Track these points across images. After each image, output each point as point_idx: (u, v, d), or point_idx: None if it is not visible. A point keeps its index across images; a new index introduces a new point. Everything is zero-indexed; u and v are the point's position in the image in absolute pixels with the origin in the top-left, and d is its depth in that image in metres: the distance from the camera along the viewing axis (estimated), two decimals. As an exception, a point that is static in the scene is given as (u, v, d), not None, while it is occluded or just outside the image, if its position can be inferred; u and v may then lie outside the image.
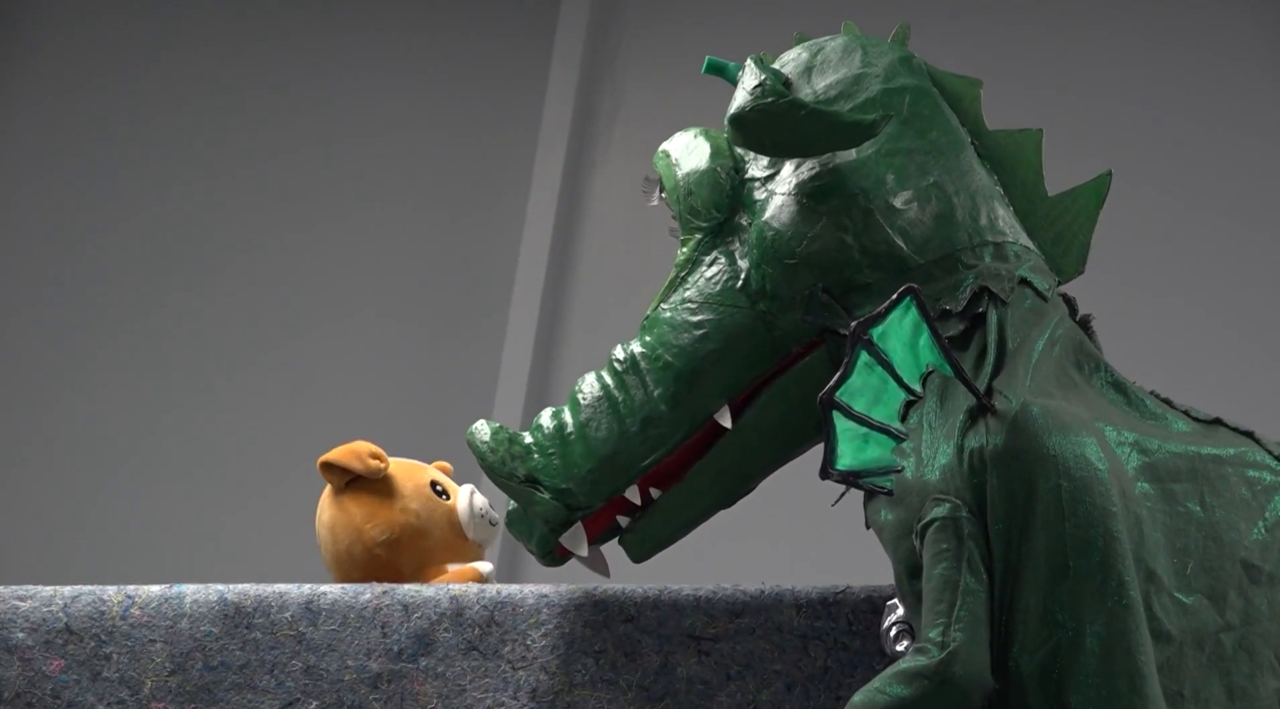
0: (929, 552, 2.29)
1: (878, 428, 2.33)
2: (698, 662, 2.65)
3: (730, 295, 2.54)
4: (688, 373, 2.53)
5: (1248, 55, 6.21)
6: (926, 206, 2.52)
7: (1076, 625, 2.25)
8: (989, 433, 2.33)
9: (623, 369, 2.56)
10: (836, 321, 2.50)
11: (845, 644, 2.61)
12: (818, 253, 2.51)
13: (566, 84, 6.83)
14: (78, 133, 7.16)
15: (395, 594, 2.77)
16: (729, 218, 2.59)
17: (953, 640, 2.22)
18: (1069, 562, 2.27)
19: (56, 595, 2.84)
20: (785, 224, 2.53)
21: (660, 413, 2.53)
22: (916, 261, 2.49)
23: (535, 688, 2.68)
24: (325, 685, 2.74)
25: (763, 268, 2.53)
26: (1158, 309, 5.86)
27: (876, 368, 2.34)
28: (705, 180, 2.60)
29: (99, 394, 6.92)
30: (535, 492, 2.55)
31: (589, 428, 2.55)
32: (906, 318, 2.34)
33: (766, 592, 2.67)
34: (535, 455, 2.56)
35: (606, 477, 2.55)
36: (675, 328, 2.56)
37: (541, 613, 2.71)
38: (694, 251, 2.60)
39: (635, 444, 2.54)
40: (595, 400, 2.56)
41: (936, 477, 2.33)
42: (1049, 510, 2.28)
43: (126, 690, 2.77)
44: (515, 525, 2.65)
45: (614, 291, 6.52)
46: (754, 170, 2.59)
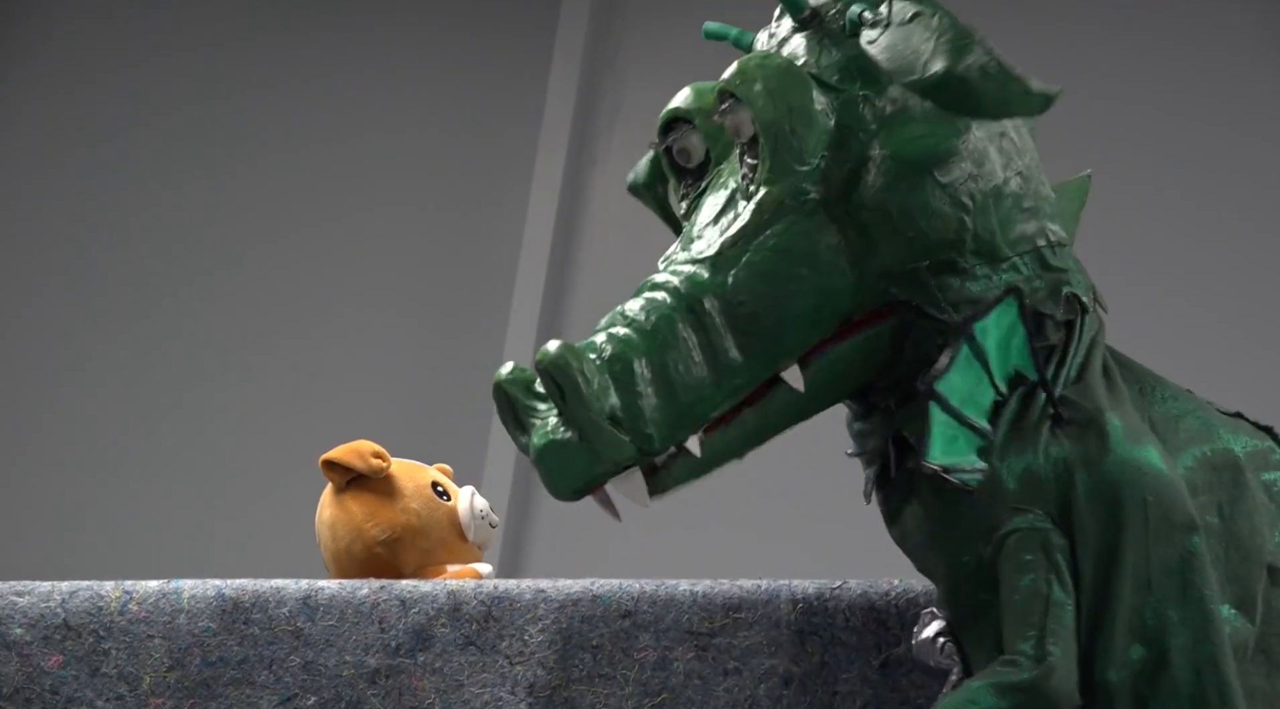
0: (1012, 562, 2.25)
1: (969, 425, 2.31)
2: (695, 657, 2.65)
3: (829, 252, 2.36)
4: (773, 327, 2.33)
5: (1248, 55, 6.21)
6: (1018, 195, 2.41)
7: (1163, 640, 2.25)
8: (1072, 445, 2.30)
9: (699, 308, 2.33)
10: (925, 301, 2.36)
11: (842, 640, 2.61)
12: (938, 230, 2.36)
13: (567, 83, 6.84)
14: (78, 133, 7.17)
15: (393, 589, 2.77)
16: (824, 165, 2.38)
17: (1049, 654, 2.20)
18: (1153, 577, 2.27)
19: (55, 591, 2.84)
20: (911, 193, 2.36)
21: (737, 363, 2.32)
22: (1006, 254, 2.38)
23: (533, 683, 2.68)
24: (323, 681, 2.74)
25: (874, 233, 2.36)
26: (1157, 308, 5.86)
27: (975, 364, 2.32)
28: (810, 120, 2.38)
29: (98, 391, 6.92)
30: (616, 431, 2.28)
31: (669, 370, 2.31)
32: (1006, 317, 2.33)
33: (763, 587, 2.67)
34: (616, 390, 2.30)
35: (681, 423, 2.32)
36: (764, 276, 2.34)
37: (539, 608, 2.71)
38: (786, 196, 2.36)
39: (710, 392, 2.32)
40: (673, 338, 2.31)
41: (1014, 485, 2.29)
42: (1137, 526, 2.27)
43: (125, 686, 2.78)
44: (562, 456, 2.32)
45: (615, 290, 6.51)
46: (847, 118, 2.40)
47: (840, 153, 2.38)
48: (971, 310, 2.36)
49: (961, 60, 2.35)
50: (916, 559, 2.41)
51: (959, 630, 2.32)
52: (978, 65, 2.34)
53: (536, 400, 2.33)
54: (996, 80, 2.35)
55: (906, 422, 2.38)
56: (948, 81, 2.35)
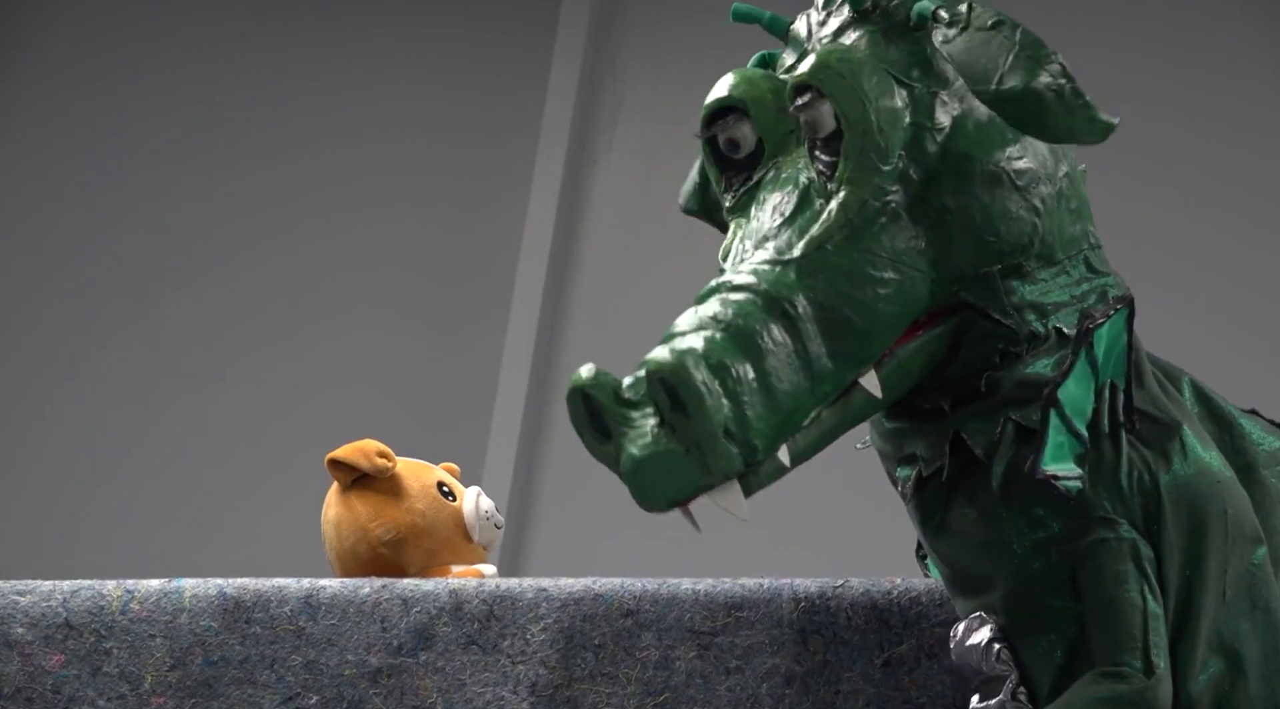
0: (1104, 573, 2.23)
1: (1075, 433, 2.29)
2: (697, 656, 2.65)
3: (913, 258, 2.29)
4: (866, 333, 2.25)
5: (1248, 55, 6.21)
6: (1071, 199, 2.38)
7: (1237, 652, 2.25)
8: (1151, 453, 2.29)
9: (795, 314, 2.22)
10: (990, 304, 2.31)
11: (844, 639, 2.61)
12: (1015, 234, 2.31)
13: (568, 82, 6.83)
14: (78, 133, 7.17)
15: (394, 589, 2.77)
16: (903, 166, 2.31)
17: (1157, 666, 2.18)
18: (1228, 589, 2.26)
19: (56, 590, 2.84)
20: (990, 197, 2.31)
21: (829, 369, 2.23)
22: (1060, 257, 2.35)
23: (535, 682, 2.68)
24: (325, 680, 2.74)
25: (952, 235, 2.30)
26: (1157, 308, 5.86)
27: (1089, 373, 2.30)
28: (896, 120, 2.30)
29: (99, 390, 6.92)
30: (730, 444, 2.16)
31: (772, 378, 2.20)
32: (1116, 326, 2.32)
33: (765, 586, 2.67)
34: (729, 403, 2.17)
35: (784, 432, 2.22)
36: (854, 280, 2.26)
37: (540, 607, 2.71)
38: (870, 196, 2.28)
39: (807, 399, 2.22)
40: (778, 348, 2.20)
41: (1095, 493, 2.26)
42: (1218, 536, 2.26)
43: (126, 685, 2.78)
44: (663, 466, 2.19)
45: (615, 289, 6.52)
46: (932, 117, 2.33)
47: (915, 152, 2.32)
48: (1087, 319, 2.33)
49: (1039, 78, 2.27)
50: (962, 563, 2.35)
51: (1016, 638, 2.29)
52: (1054, 86, 2.27)
53: (627, 408, 2.20)
54: (1068, 104, 2.27)
55: (969, 424, 2.33)
56: (1022, 97, 2.27)
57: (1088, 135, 2.28)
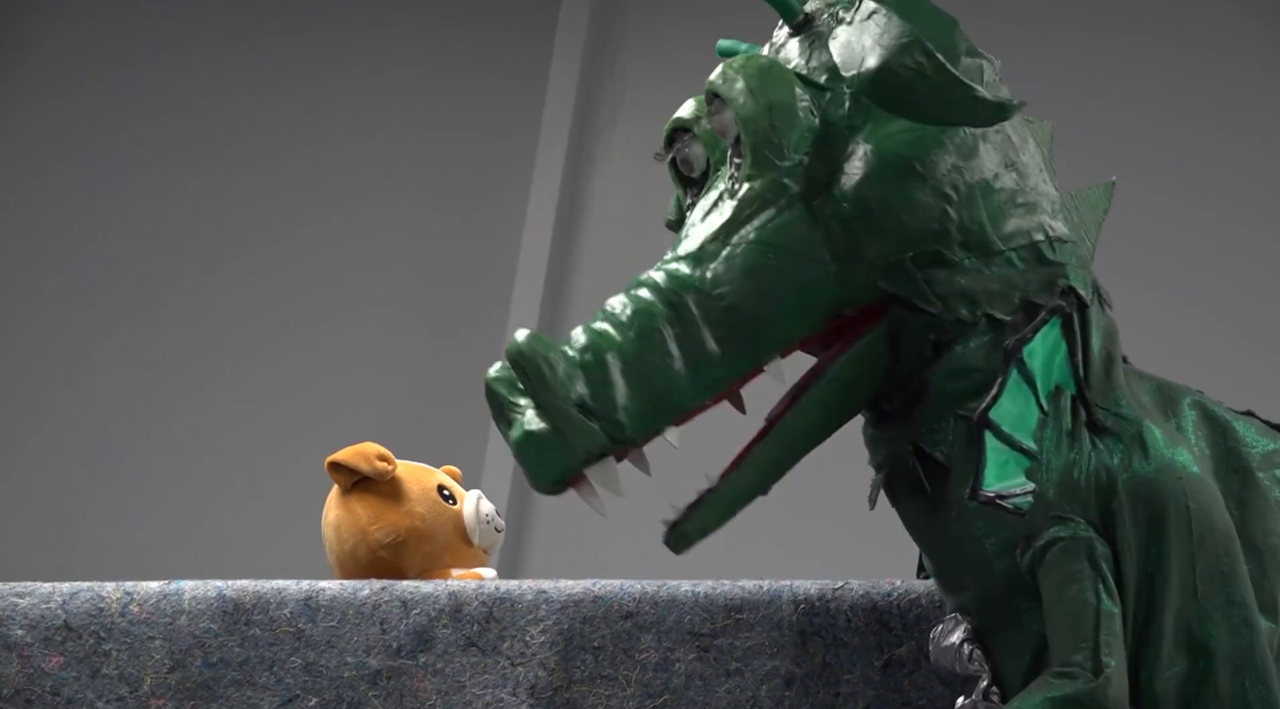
0: (1056, 572, 2.25)
1: (1019, 448, 2.31)
2: (697, 658, 2.65)
3: (809, 247, 2.36)
4: (751, 318, 2.34)
5: (1248, 55, 6.21)
6: (1012, 190, 2.41)
7: (1208, 648, 2.25)
8: (1111, 453, 2.31)
9: (677, 300, 2.34)
10: (914, 295, 2.36)
11: (844, 640, 2.61)
12: (919, 222, 2.35)
13: (567, 83, 6.84)
14: (78, 133, 7.17)
15: (394, 590, 2.77)
16: (807, 163, 2.38)
17: (1105, 664, 2.19)
18: (1198, 584, 2.26)
19: (55, 592, 2.84)
20: (890, 186, 2.36)
21: (714, 355, 2.33)
22: (1000, 247, 2.38)
23: (534, 684, 2.68)
24: (325, 682, 2.74)
25: (854, 225, 2.35)
26: (1157, 308, 5.86)
27: (1024, 387, 2.33)
28: (790, 117, 2.39)
29: (99, 392, 6.92)
30: (586, 419, 2.30)
31: (642, 359, 2.32)
32: (1050, 335, 2.34)
33: (765, 588, 2.67)
34: (587, 379, 2.31)
35: (655, 413, 2.32)
36: (743, 269, 2.35)
37: (540, 609, 2.71)
38: (766, 191, 2.37)
39: (686, 384, 2.32)
40: (648, 329, 2.33)
41: (1054, 494, 2.29)
42: (1181, 533, 2.27)
43: (126, 687, 2.77)
44: (536, 448, 2.34)
45: (615, 289, 6.51)
46: (834, 115, 2.40)
47: (825, 149, 2.39)
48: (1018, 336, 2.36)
49: (897, 59, 2.34)
50: (938, 564, 2.39)
51: (988, 638, 2.31)
52: (911, 66, 2.33)
53: (519, 396, 2.34)
54: (933, 84, 2.33)
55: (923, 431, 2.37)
56: (878, 79, 2.35)
57: (970, 117, 2.35)
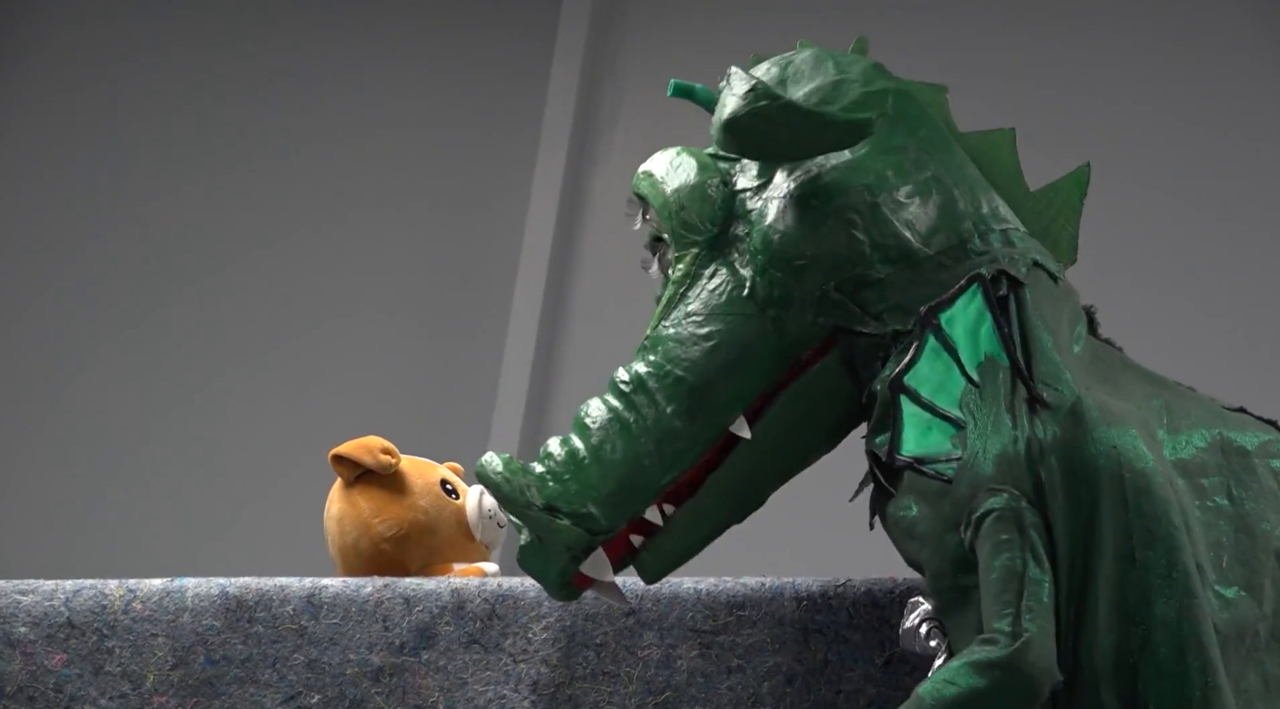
0: (988, 542, 2.27)
1: (941, 415, 2.35)
2: (699, 655, 2.65)
3: (738, 304, 2.49)
4: (701, 385, 2.47)
5: (1247, 54, 6.21)
6: (929, 198, 2.49)
7: (1147, 617, 2.25)
8: (1045, 425, 2.33)
9: (630, 389, 2.49)
10: (850, 321, 2.46)
11: (846, 637, 2.61)
12: (828, 251, 2.46)
13: (568, 83, 6.83)
14: (78, 133, 7.16)
15: (396, 588, 2.77)
16: (724, 230, 2.54)
17: (1025, 630, 2.21)
18: (1135, 552, 2.27)
19: (58, 589, 2.84)
20: (791, 225, 2.48)
21: (675, 429, 2.47)
22: (926, 253, 2.46)
23: (536, 681, 2.68)
24: (327, 679, 2.74)
25: (770, 272, 2.48)
26: (1154, 306, 5.86)
27: (943, 354, 2.38)
28: (696, 194, 2.55)
29: (102, 390, 6.92)
30: (555, 519, 2.44)
31: (603, 450, 2.46)
32: (972, 305, 2.39)
33: (767, 585, 2.67)
34: (550, 482, 2.46)
35: (626, 498, 2.46)
36: (682, 342, 2.50)
37: (542, 606, 2.71)
38: (691, 266, 2.54)
39: (653, 463, 2.46)
40: (606, 423, 2.48)
41: (991, 468, 2.32)
42: (1114, 502, 2.28)
43: (129, 685, 2.78)
44: (530, 560, 2.51)
45: (615, 289, 6.52)
46: (743, 181, 2.56)
47: (736, 214, 2.53)
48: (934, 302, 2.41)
49: (738, 109, 2.44)
50: (904, 549, 2.43)
51: (943, 616, 2.34)
52: (752, 111, 2.43)
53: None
54: (781, 121, 2.44)
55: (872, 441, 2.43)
56: (727, 131, 2.46)
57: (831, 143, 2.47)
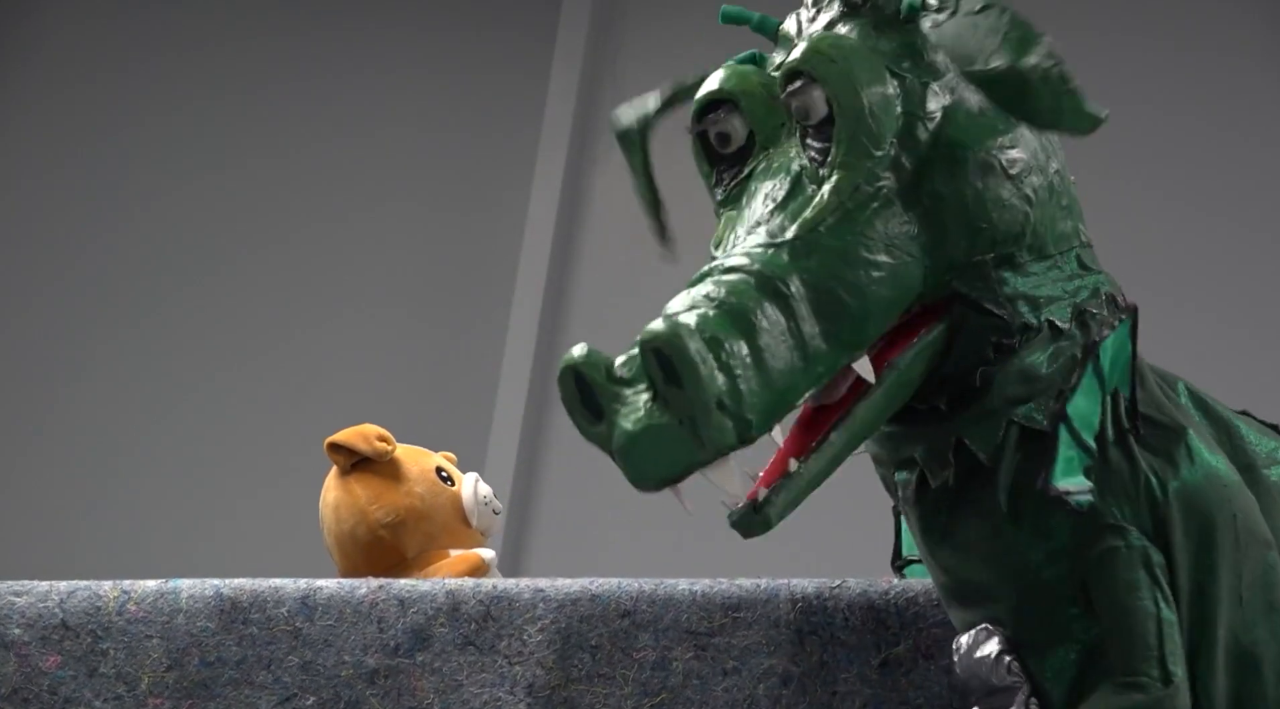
0: (1116, 581, 2.23)
1: (1084, 447, 2.29)
2: (694, 656, 2.65)
3: (909, 243, 2.28)
4: (860, 315, 2.25)
5: (1247, 54, 6.21)
6: (1063, 195, 2.38)
7: (1256, 655, 2.25)
8: (1157, 459, 2.29)
9: (789, 292, 2.22)
10: (983, 295, 2.31)
11: (841, 639, 2.60)
12: (1008, 222, 2.31)
13: (568, 82, 6.84)
14: (78, 133, 7.17)
15: (391, 589, 2.77)
16: (897, 154, 2.30)
17: (1174, 674, 2.18)
18: (1244, 593, 2.26)
19: (52, 591, 2.83)
20: (987, 187, 2.31)
21: (822, 350, 2.22)
22: (1052, 252, 2.36)
23: (532, 683, 2.68)
24: (322, 681, 2.74)
25: (950, 224, 2.30)
26: (1153, 307, 5.86)
27: (1096, 385, 2.31)
28: (888, 106, 2.31)
29: (97, 391, 6.92)
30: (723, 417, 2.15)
31: (765, 354, 2.19)
32: (1119, 338, 2.33)
33: (763, 587, 2.66)
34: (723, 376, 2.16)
35: (778, 409, 2.21)
36: (850, 262, 2.25)
37: (538, 608, 2.71)
38: (863, 182, 2.29)
39: (801, 378, 2.22)
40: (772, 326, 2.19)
41: (1105, 501, 2.26)
42: (1228, 541, 2.26)
43: (123, 686, 2.77)
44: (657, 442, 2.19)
45: (615, 285, 6.52)
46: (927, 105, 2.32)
47: (907, 140, 2.31)
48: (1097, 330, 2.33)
49: (1025, 58, 2.25)
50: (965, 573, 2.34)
51: (1026, 648, 2.28)
52: (1041, 68, 2.25)
53: (620, 385, 2.20)
54: (1054, 88, 2.25)
55: (970, 429, 2.32)
56: (1008, 77, 2.26)
57: (1075, 125, 2.27)
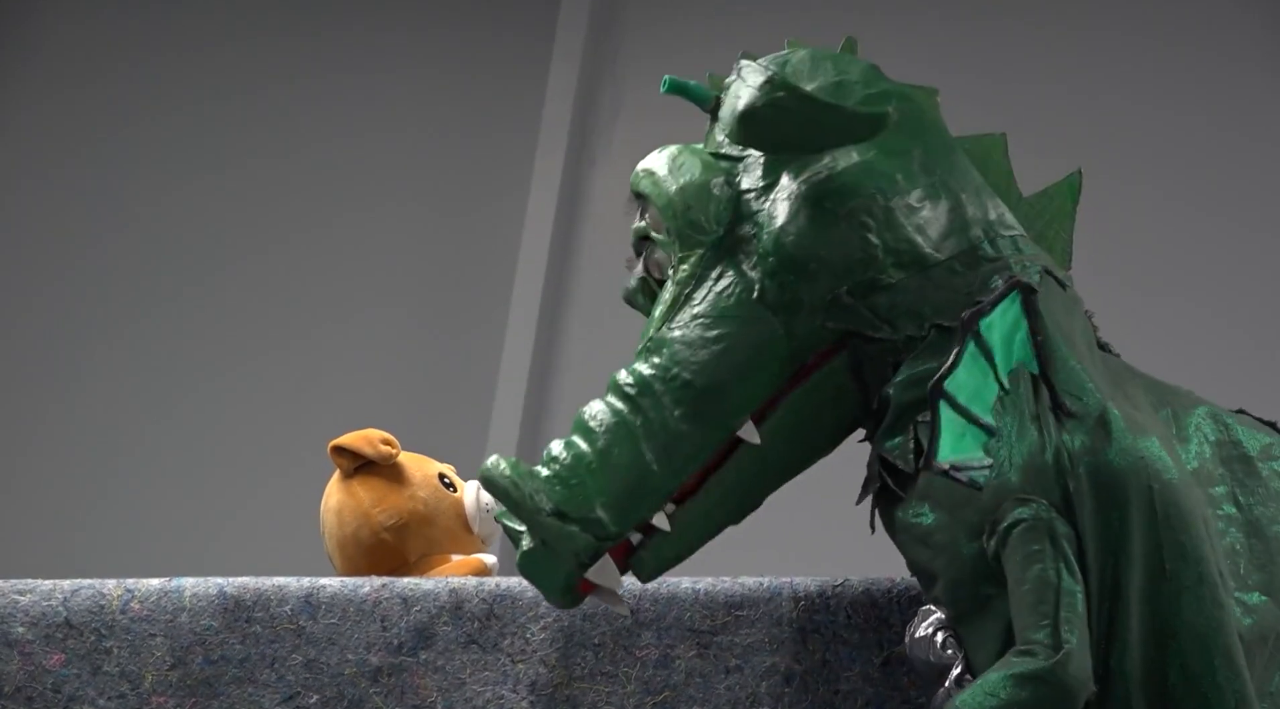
0: (1019, 552, 2.26)
1: (976, 422, 2.34)
2: (697, 655, 2.65)
3: (747, 307, 2.44)
4: (709, 389, 2.42)
5: (1248, 54, 6.21)
6: (939, 203, 2.47)
7: (1177, 627, 2.26)
8: (1072, 434, 2.32)
9: (635, 392, 2.43)
10: (861, 325, 2.43)
11: (844, 637, 2.61)
12: (841, 254, 2.43)
13: (567, 82, 6.84)
14: (78, 133, 7.16)
15: (394, 587, 2.77)
16: (730, 231, 2.48)
17: (1066, 642, 2.20)
18: (1165, 564, 2.27)
19: (56, 589, 2.84)
20: (803, 228, 2.44)
21: (682, 433, 2.41)
22: (937, 258, 2.44)
23: (535, 681, 2.68)
24: (325, 679, 2.74)
25: (781, 275, 2.44)
26: (1151, 308, 5.86)
27: (981, 360, 2.36)
28: (703, 194, 2.50)
29: (100, 390, 6.92)
30: (564, 524, 2.39)
31: (610, 454, 2.40)
32: (1010, 312, 2.37)
33: (765, 585, 2.67)
34: (558, 486, 2.40)
35: (634, 503, 2.42)
36: (690, 344, 2.44)
37: (540, 606, 2.71)
38: (697, 268, 2.48)
39: (660, 467, 2.41)
40: (612, 426, 2.42)
41: (1017, 477, 2.30)
42: (1143, 513, 2.28)
43: (127, 684, 2.78)
44: (534, 565, 2.45)
45: (614, 288, 6.50)
46: (748, 181, 2.51)
47: (743, 214, 2.48)
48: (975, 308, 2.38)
49: (755, 100, 2.41)
50: (913, 556, 2.41)
51: (960, 625, 2.33)
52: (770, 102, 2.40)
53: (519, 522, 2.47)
54: (799, 113, 2.42)
55: (885, 443, 2.42)
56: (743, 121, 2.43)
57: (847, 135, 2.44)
